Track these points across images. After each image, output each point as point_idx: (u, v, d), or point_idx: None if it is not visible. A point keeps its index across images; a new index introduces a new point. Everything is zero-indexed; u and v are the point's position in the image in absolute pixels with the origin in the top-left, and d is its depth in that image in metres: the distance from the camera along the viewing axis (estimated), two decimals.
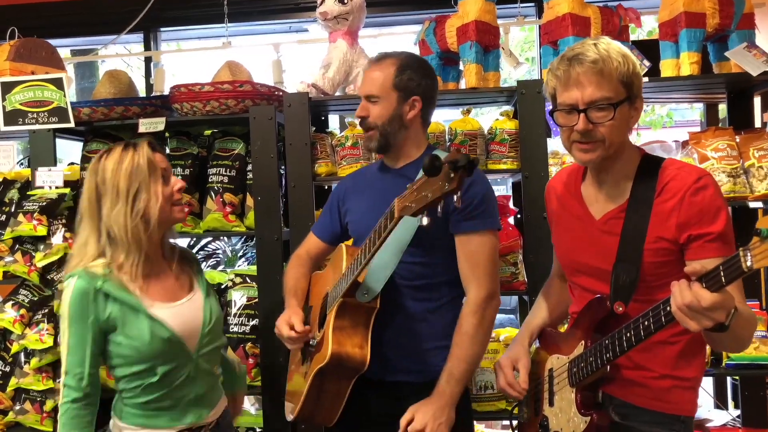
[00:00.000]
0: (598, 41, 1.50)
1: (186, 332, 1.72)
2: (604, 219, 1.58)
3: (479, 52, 2.46)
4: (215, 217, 2.61)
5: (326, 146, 2.60)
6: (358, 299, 1.74)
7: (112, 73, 2.78)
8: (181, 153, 2.74)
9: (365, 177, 2.03)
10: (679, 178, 1.49)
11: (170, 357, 1.70)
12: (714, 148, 2.43)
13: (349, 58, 2.57)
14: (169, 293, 1.76)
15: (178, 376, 1.72)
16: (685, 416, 1.54)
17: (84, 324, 1.65)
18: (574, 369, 1.56)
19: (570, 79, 1.47)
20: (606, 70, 1.45)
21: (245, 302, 2.63)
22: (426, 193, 1.37)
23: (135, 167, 1.68)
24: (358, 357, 1.71)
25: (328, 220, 2.05)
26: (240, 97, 2.51)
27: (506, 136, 2.48)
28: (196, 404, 1.76)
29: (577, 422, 1.54)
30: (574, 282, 1.69)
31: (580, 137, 1.49)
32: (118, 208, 1.67)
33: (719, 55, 2.49)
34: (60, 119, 2.58)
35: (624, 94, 1.48)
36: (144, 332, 1.66)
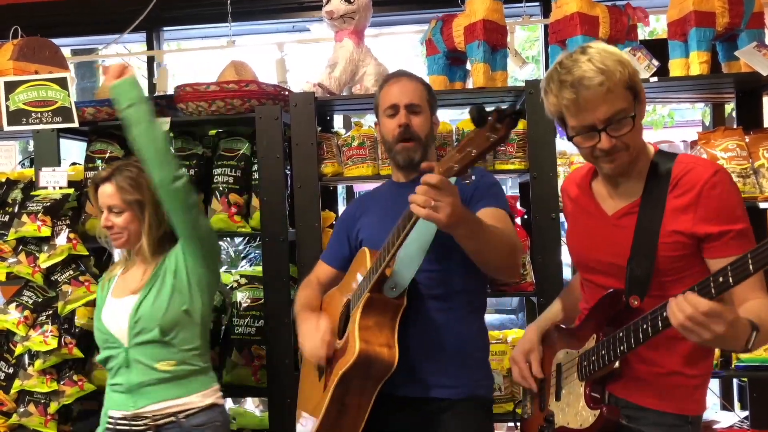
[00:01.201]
0: (590, 56, 1.44)
1: (113, 326, 1.93)
2: (618, 215, 1.57)
3: (487, 52, 2.44)
4: (220, 217, 2.59)
5: (332, 146, 2.58)
6: (385, 294, 1.69)
7: None
8: (186, 153, 2.72)
9: (377, 196, 2.02)
10: (695, 172, 1.48)
11: (106, 345, 1.96)
12: (723, 149, 2.41)
13: (355, 58, 2.56)
14: (125, 289, 1.98)
15: (113, 364, 1.94)
16: (692, 416, 1.53)
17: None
18: (585, 362, 1.55)
19: (580, 106, 1.44)
20: (612, 86, 1.43)
21: (250, 303, 2.62)
22: (470, 149, 1.37)
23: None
24: (386, 356, 1.65)
25: (338, 247, 2.02)
26: (246, 96, 2.49)
27: (514, 136, 2.46)
28: (129, 392, 1.90)
29: (585, 416, 1.52)
30: (586, 279, 1.68)
31: (605, 153, 1.48)
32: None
33: (728, 55, 2.47)
34: (64, 119, 2.56)
35: (632, 97, 1.47)
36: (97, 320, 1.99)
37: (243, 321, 2.60)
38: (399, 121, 1.86)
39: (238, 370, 2.55)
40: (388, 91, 1.91)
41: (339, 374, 1.66)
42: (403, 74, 1.95)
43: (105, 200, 1.95)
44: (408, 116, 1.86)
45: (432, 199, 1.44)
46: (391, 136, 1.88)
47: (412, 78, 1.93)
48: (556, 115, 1.53)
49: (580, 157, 2.52)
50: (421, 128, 1.87)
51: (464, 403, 1.77)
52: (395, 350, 1.66)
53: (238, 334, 2.59)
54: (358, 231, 1.95)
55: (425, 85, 1.95)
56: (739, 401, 3.09)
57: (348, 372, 1.64)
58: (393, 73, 1.99)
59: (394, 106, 1.88)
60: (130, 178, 1.96)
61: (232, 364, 2.56)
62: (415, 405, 1.76)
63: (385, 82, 1.96)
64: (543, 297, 2.36)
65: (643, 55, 2.39)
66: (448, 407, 1.76)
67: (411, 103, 1.87)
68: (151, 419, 1.88)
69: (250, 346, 2.56)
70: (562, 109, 1.48)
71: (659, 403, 1.52)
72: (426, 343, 1.77)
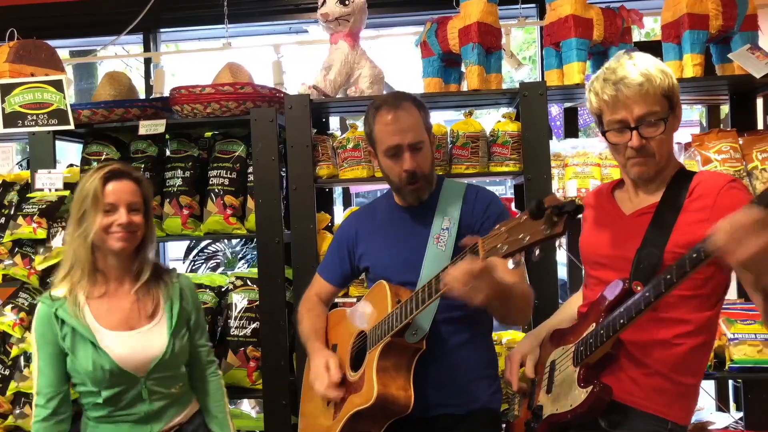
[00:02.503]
0: (635, 60, 1.55)
1: (132, 363, 1.76)
2: (635, 214, 1.63)
3: (481, 54, 2.45)
4: (216, 219, 2.60)
5: (327, 148, 2.58)
6: (406, 339, 1.71)
7: (112, 74, 2.77)
8: (181, 155, 2.73)
9: (377, 217, 1.95)
10: (711, 181, 1.56)
11: (113, 383, 1.76)
12: (717, 150, 2.42)
13: (350, 60, 2.56)
14: (124, 321, 1.80)
15: (123, 399, 1.78)
16: (674, 423, 1.54)
17: (46, 347, 1.77)
18: (581, 347, 1.56)
19: (618, 102, 1.54)
20: (651, 90, 1.52)
21: (246, 305, 2.61)
22: (523, 235, 1.33)
23: (84, 195, 1.78)
24: (402, 400, 1.66)
25: (337, 263, 1.99)
26: (241, 99, 2.49)
27: (508, 138, 2.47)
28: (149, 420, 1.81)
29: (576, 395, 1.53)
30: (592, 275, 1.70)
31: (635, 153, 1.55)
32: (70, 229, 1.80)
33: (722, 57, 2.48)
34: (60, 121, 2.56)
35: (668, 106, 1.55)
36: (87, 360, 1.74)
37: (238, 323, 2.60)
38: (405, 167, 1.76)
39: (234, 372, 2.55)
40: (386, 129, 1.77)
41: (353, 411, 1.68)
42: (399, 105, 1.78)
43: (125, 196, 1.79)
44: (412, 159, 1.76)
45: (471, 284, 1.46)
46: (397, 178, 1.80)
47: (407, 108, 1.78)
48: (595, 113, 1.62)
49: (575, 159, 2.52)
50: (427, 165, 1.80)
51: (473, 417, 1.79)
52: (411, 392, 1.68)
53: (233, 335, 2.58)
54: (362, 256, 1.93)
55: (420, 108, 1.81)
56: (734, 402, 3.10)
57: (363, 411, 1.67)
58: (386, 102, 1.81)
59: (396, 148, 1.76)
60: (147, 180, 1.89)
61: (227, 365, 2.56)
62: (425, 423, 1.76)
63: (377, 112, 1.79)
64: (538, 299, 2.35)
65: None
66: (458, 422, 1.78)
67: (414, 142, 1.76)
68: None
69: (246, 348, 2.56)
70: (601, 106, 1.57)
71: (642, 402, 1.54)
72: (439, 372, 1.78)
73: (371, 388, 1.65)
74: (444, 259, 1.74)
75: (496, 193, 1.95)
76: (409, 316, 1.64)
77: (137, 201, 1.81)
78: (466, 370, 1.80)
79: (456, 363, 1.80)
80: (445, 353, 1.78)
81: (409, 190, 1.81)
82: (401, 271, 1.81)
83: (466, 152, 2.47)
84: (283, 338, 2.46)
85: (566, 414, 1.55)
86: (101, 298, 1.80)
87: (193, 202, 2.66)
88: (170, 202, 2.66)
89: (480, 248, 1.43)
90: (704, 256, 1.34)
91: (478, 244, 1.43)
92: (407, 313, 1.64)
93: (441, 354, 1.78)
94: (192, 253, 4.12)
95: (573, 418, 1.54)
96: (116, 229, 1.77)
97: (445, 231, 1.80)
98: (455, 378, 1.79)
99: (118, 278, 1.83)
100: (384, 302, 1.75)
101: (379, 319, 1.73)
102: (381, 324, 1.72)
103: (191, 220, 2.65)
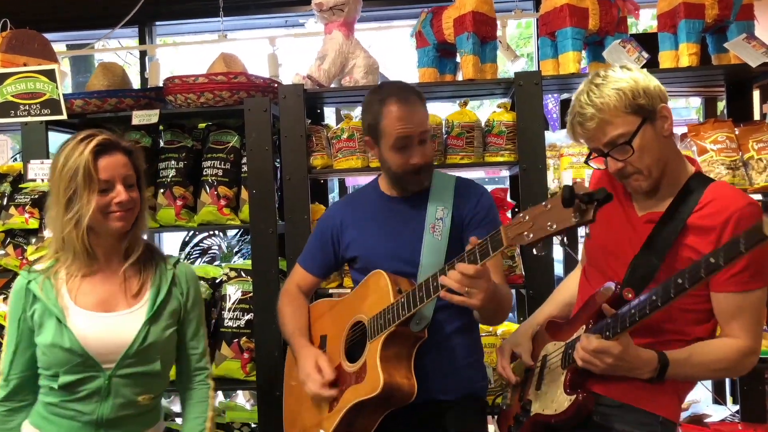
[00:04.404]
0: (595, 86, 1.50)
1: (97, 346, 1.58)
2: (644, 219, 1.58)
3: (476, 44, 2.44)
4: (209, 210, 2.58)
5: (322, 139, 2.57)
6: (411, 328, 1.70)
7: (105, 65, 2.75)
8: (175, 146, 2.72)
9: (365, 207, 1.92)
10: (725, 200, 1.47)
11: (74, 368, 1.58)
12: (713, 140, 2.41)
13: (345, 50, 2.55)
14: (102, 302, 1.63)
15: (80, 390, 1.59)
16: (665, 418, 1.53)
17: (14, 323, 1.63)
18: (570, 350, 1.55)
19: (584, 137, 1.54)
20: (607, 117, 1.48)
21: (240, 296, 2.60)
22: (551, 223, 1.31)
23: (73, 172, 1.55)
24: (406, 388, 1.65)
25: (320, 254, 1.96)
26: (235, 88, 2.48)
27: (503, 128, 2.45)
28: (97, 427, 1.60)
29: (561, 401, 1.54)
30: (594, 267, 1.68)
31: (619, 175, 1.54)
32: (57, 209, 1.59)
33: (718, 47, 2.47)
34: (52, 111, 2.55)
35: (638, 120, 1.48)
36: (48, 336, 1.58)
37: (232, 314, 2.59)
38: (414, 161, 1.76)
39: (227, 363, 2.54)
40: (397, 123, 1.73)
41: (356, 401, 1.66)
42: (408, 98, 1.76)
43: (121, 170, 1.60)
44: (421, 151, 1.76)
45: (466, 287, 1.49)
46: (401, 169, 1.78)
47: (415, 101, 1.77)
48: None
49: (570, 149, 2.52)
50: (432, 155, 1.83)
51: (463, 403, 1.81)
52: (414, 381, 1.67)
53: (227, 327, 2.57)
54: (349, 245, 1.90)
55: (423, 100, 1.81)
56: (731, 395, 3.08)
57: (366, 401, 1.65)
58: (394, 94, 1.77)
59: (407, 139, 1.74)
60: (138, 148, 1.70)
61: (221, 357, 2.55)
62: (417, 409, 1.74)
63: (385, 104, 1.75)
64: (532, 289, 2.35)
65: (633, 47, 2.38)
66: (448, 408, 1.79)
67: (424, 131, 1.77)
68: None
69: (239, 339, 2.55)
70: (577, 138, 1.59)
71: (633, 398, 1.53)
72: (433, 359, 1.78)
73: (376, 378, 1.63)
74: (441, 247, 1.77)
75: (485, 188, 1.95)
76: (419, 305, 1.62)
77: (131, 174, 1.63)
78: (458, 356, 1.81)
79: (450, 349, 1.80)
80: (440, 340, 1.78)
81: (413, 179, 1.80)
82: (396, 260, 1.80)
83: (461, 142, 2.46)
84: (276, 330, 2.44)
85: (550, 417, 1.56)
86: (84, 278, 1.63)
87: (186, 193, 2.65)
88: (164, 193, 2.64)
89: (503, 236, 1.41)
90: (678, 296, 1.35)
91: (501, 233, 1.42)
92: (417, 302, 1.62)
93: (437, 341, 1.77)
94: (187, 246, 4.10)
95: (556, 422, 1.55)
96: (115, 208, 1.59)
97: (440, 221, 1.80)
98: (449, 364, 1.79)
99: (106, 256, 1.65)
100: (384, 292, 1.73)
101: (380, 308, 1.71)
102: (383, 313, 1.69)
103: (185, 211, 2.63)
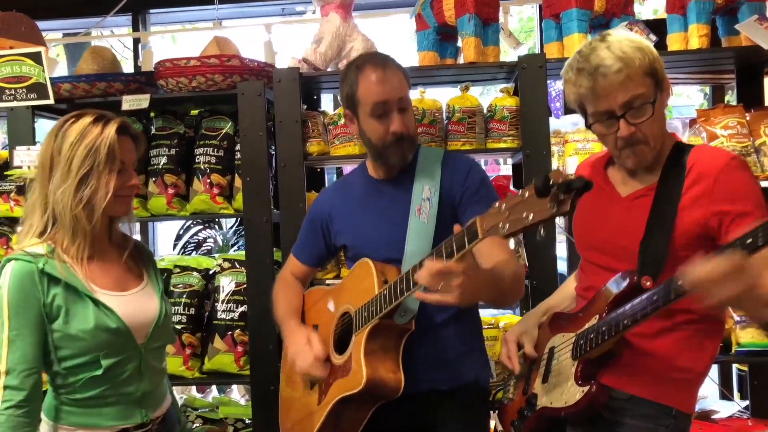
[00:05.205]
0: (608, 43, 1.43)
1: (135, 323, 1.56)
2: (631, 197, 1.52)
3: (478, 25, 2.35)
4: (202, 198, 2.51)
5: (318, 124, 2.49)
6: (395, 321, 1.62)
7: (95, 49, 2.67)
8: (167, 132, 2.64)
9: (352, 192, 1.84)
10: (709, 160, 1.44)
11: (116, 349, 1.53)
12: (723, 126, 2.33)
13: (341, 33, 2.46)
14: (117, 282, 1.59)
15: (124, 371, 1.54)
16: (677, 410, 1.46)
17: (27, 313, 1.46)
18: (581, 341, 1.47)
19: (597, 92, 1.42)
20: (631, 73, 1.41)
21: (234, 288, 2.53)
22: (526, 213, 1.21)
23: (93, 149, 1.49)
24: (392, 383, 1.58)
25: (311, 243, 1.89)
26: (228, 72, 2.40)
27: (506, 113, 2.37)
28: (143, 403, 1.59)
29: (572, 392, 1.45)
30: (589, 261, 1.60)
31: (625, 143, 1.45)
32: (65, 186, 1.49)
33: (729, 29, 2.38)
34: (39, 96, 2.46)
35: (653, 84, 1.43)
36: (89, 320, 1.49)
37: (226, 306, 2.51)
38: (393, 128, 1.67)
39: (220, 357, 2.46)
40: (373, 87, 1.67)
41: (340, 396, 1.61)
42: (385, 63, 1.70)
43: (133, 155, 1.59)
44: (401, 119, 1.67)
45: (438, 285, 1.36)
46: (381, 140, 1.69)
47: (393, 67, 1.70)
48: (576, 104, 1.50)
49: (575, 135, 2.43)
50: (413, 126, 1.72)
51: (463, 392, 1.73)
52: (401, 375, 1.59)
53: (220, 319, 2.50)
54: (338, 233, 1.83)
55: (402, 70, 1.73)
56: (738, 390, 3.01)
57: (350, 396, 1.59)
58: (370, 60, 1.71)
59: (384, 105, 1.66)
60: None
61: (214, 350, 2.47)
62: (414, 399, 1.68)
63: (361, 70, 1.69)
64: (536, 279, 2.28)
65: (640, 29, 2.30)
66: (447, 397, 1.72)
67: (402, 97, 1.68)
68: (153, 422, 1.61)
69: (233, 332, 2.47)
70: (581, 97, 1.46)
71: (644, 390, 1.46)
72: (427, 349, 1.70)
73: (360, 372, 1.56)
74: (428, 231, 1.67)
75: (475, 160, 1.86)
76: (400, 298, 1.54)
77: (136, 160, 1.62)
78: (454, 344, 1.73)
79: (444, 338, 1.72)
80: (432, 329, 1.70)
81: (395, 150, 1.70)
82: (383, 247, 1.72)
83: (462, 128, 2.38)
84: (271, 322, 2.36)
85: (559, 410, 1.47)
86: (89, 260, 1.55)
87: (178, 181, 2.58)
88: (155, 181, 2.57)
89: (478, 228, 1.32)
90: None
91: (476, 224, 1.32)
92: (397, 295, 1.54)
93: (428, 330, 1.69)
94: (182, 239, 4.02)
95: (566, 415, 1.47)
96: (127, 191, 1.57)
97: (426, 201, 1.71)
98: (444, 353, 1.71)
99: (100, 240, 1.59)
100: (369, 282, 1.65)
101: (366, 300, 1.64)
102: (368, 305, 1.62)
103: (177, 200, 2.56)
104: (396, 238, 1.70)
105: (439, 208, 1.69)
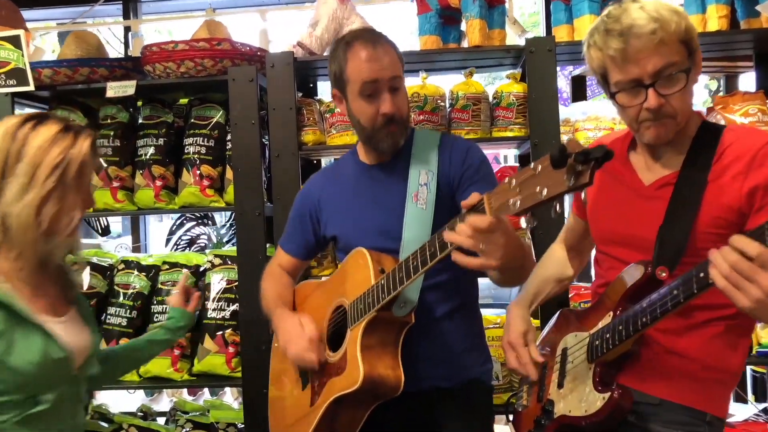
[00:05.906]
0: (642, 3, 1.30)
1: (76, 351, 1.37)
2: (656, 185, 1.39)
3: (483, 7, 2.23)
4: (191, 191, 2.38)
5: (314, 112, 2.36)
6: (394, 313, 1.51)
7: (78, 34, 2.53)
8: (155, 121, 2.52)
9: (342, 179, 1.74)
10: (746, 140, 1.32)
11: (59, 381, 1.34)
12: (744, 113, 2.20)
13: (339, 15, 2.34)
14: (49, 306, 1.37)
15: (63, 404, 1.36)
16: (712, 415, 1.34)
17: None
18: (596, 342, 1.36)
19: (628, 56, 1.29)
20: (666, 37, 1.27)
21: (225, 285, 2.41)
22: (540, 188, 1.09)
23: (63, 162, 1.30)
24: (391, 380, 1.48)
25: (299, 235, 1.79)
26: (218, 56, 2.27)
27: (513, 100, 2.24)
28: None
29: (592, 400, 1.33)
30: (606, 253, 1.48)
31: (651, 115, 1.31)
32: (27, 200, 1.28)
33: (748, 11, 2.26)
34: (18, 82, 2.34)
35: (686, 54, 1.31)
36: (35, 351, 1.28)
37: (216, 305, 2.39)
38: (384, 110, 1.56)
39: (211, 358, 2.34)
40: (363, 65, 1.56)
41: (335, 396, 1.50)
42: (376, 40, 1.59)
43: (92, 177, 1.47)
44: (392, 100, 1.56)
45: (481, 244, 1.22)
46: (370, 122, 1.59)
47: (384, 44, 1.59)
48: (598, 72, 1.38)
49: (586, 124, 2.30)
50: (405, 107, 1.62)
51: (465, 389, 1.65)
52: (400, 372, 1.49)
53: (210, 318, 2.38)
54: (327, 224, 1.72)
55: (395, 47, 1.63)
56: (753, 393, 2.89)
57: (348, 395, 1.48)
58: (360, 36, 1.60)
59: (374, 84, 1.56)
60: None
61: (204, 351, 2.35)
62: (415, 397, 1.59)
63: (350, 47, 1.58)
64: None
65: None
66: (449, 395, 1.63)
67: (393, 79, 1.57)
68: None
69: (224, 332, 2.35)
70: (606, 63, 1.33)
71: (675, 394, 1.34)
72: (427, 344, 1.61)
73: (356, 370, 1.45)
74: (426, 219, 1.57)
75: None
76: (399, 287, 1.43)
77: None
78: (455, 339, 1.63)
79: (445, 332, 1.62)
80: (432, 323, 1.60)
81: (386, 133, 1.59)
82: (376, 236, 1.61)
83: (466, 115, 2.25)
84: (264, 321, 2.24)
85: (580, 420, 1.35)
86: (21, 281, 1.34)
87: (167, 173, 2.46)
88: (142, 173, 2.45)
89: (486, 205, 1.20)
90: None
91: (484, 201, 1.21)
92: (396, 284, 1.43)
93: (428, 324, 1.59)
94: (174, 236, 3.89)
95: (588, 425, 1.34)
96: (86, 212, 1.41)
97: (424, 186, 1.60)
98: (445, 349, 1.62)
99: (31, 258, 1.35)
100: (365, 272, 1.54)
101: (362, 291, 1.53)
102: (364, 297, 1.51)
103: (165, 192, 2.43)
104: (391, 226, 1.59)
105: (437, 194, 1.59)
